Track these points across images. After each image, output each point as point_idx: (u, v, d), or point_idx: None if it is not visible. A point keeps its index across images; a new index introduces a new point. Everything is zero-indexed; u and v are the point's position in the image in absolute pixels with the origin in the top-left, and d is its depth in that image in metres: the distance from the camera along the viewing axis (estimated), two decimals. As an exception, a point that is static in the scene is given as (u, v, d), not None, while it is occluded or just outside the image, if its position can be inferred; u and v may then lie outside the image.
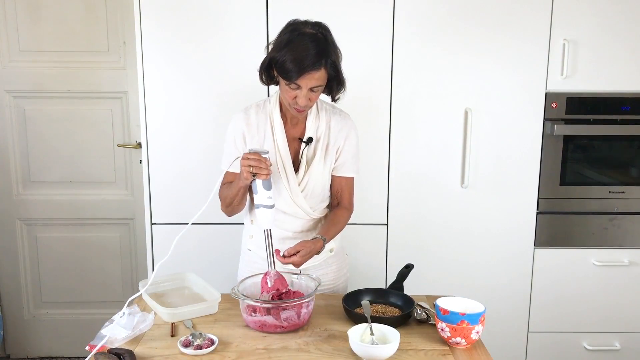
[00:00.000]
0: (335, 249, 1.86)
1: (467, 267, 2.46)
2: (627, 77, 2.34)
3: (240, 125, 1.73)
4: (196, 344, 1.43)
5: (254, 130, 1.72)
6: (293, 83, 1.54)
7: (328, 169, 1.75)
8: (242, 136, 1.73)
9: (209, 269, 2.11)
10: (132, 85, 2.76)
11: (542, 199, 2.43)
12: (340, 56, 1.63)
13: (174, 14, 2.26)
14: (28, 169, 2.89)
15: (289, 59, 1.51)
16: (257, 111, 1.73)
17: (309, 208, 1.74)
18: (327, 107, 1.76)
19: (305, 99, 1.57)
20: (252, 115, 1.73)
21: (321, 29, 1.57)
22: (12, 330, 3.05)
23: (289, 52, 1.52)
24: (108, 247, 2.97)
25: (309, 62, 1.51)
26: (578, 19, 2.29)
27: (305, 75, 1.52)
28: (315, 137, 1.72)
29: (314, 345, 1.47)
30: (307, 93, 1.56)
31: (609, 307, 2.50)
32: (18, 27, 2.74)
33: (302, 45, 1.51)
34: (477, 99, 2.34)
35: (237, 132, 1.73)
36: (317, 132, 1.72)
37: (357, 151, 1.79)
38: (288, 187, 1.70)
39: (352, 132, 1.76)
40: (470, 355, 1.43)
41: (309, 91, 1.56)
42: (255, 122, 1.72)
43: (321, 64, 1.53)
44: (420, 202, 2.41)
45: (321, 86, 1.58)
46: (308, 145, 1.71)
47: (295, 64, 1.50)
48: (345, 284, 1.93)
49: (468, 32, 2.29)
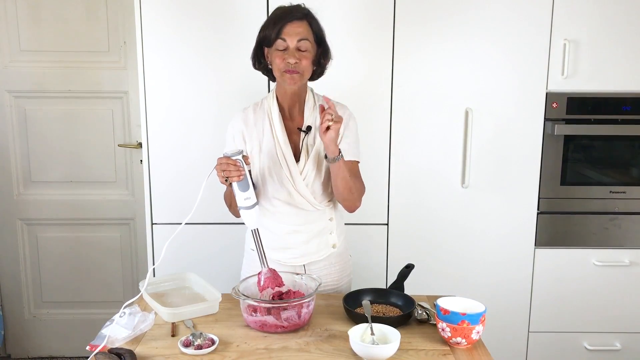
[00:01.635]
0: (339, 248, 1.86)
1: (467, 267, 2.46)
2: (627, 77, 2.34)
3: (238, 124, 1.76)
4: (197, 343, 1.43)
5: (252, 128, 1.75)
6: (279, 38, 1.61)
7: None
8: (240, 135, 1.76)
9: (209, 269, 2.11)
10: (132, 85, 2.76)
11: (543, 199, 2.42)
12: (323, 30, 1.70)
13: (175, 14, 2.26)
14: (29, 168, 2.89)
15: (273, 17, 1.65)
16: (254, 109, 1.77)
17: (312, 197, 1.74)
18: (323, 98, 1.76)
19: (294, 57, 1.61)
20: (249, 114, 1.77)
21: (304, 5, 1.69)
22: (13, 330, 3.05)
23: (273, 14, 1.67)
24: (109, 247, 2.97)
25: (291, 13, 1.63)
26: (579, 19, 2.29)
27: (289, 25, 1.61)
28: (314, 126, 1.73)
29: (315, 345, 1.47)
30: (295, 52, 1.62)
31: (610, 307, 2.50)
32: (19, 27, 2.74)
33: (286, 7, 1.67)
34: (477, 99, 2.34)
35: (236, 132, 1.76)
36: (316, 122, 1.73)
37: (357, 138, 1.79)
38: (291, 177, 1.72)
39: (350, 120, 1.77)
40: (470, 355, 1.43)
41: (297, 50, 1.62)
42: (253, 119, 1.75)
43: (304, 16, 1.63)
44: (420, 202, 2.41)
45: (307, 41, 1.63)
46: (307, 134, 1.73)
47: (279, 18, 1.63)
48: (349, 285, 1.93)
49: (468, 31, 2.29)
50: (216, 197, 1.80)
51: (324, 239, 1.81)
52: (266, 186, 1.76)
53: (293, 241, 1.78)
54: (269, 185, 1.75)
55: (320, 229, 1.79)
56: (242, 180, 1.57)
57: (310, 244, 1.79)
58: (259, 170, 1.75)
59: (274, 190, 1.74)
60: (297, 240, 1.78)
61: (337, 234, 1.84)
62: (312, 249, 1.80)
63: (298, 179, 1.72)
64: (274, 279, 1.61)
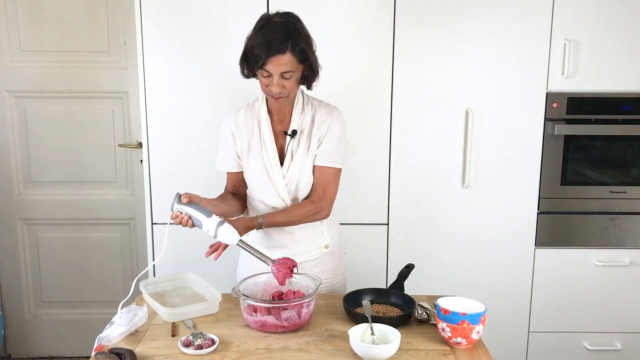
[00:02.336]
0: (331, 247, 1.85)
1: (467, 267, 2.46)
2: (628, 77, 2.33)
3: (229, 126, 1.78)
4: (197, 343, 1.43)
5: (242, 129, 1.76)
6: (263, 69, 1.58)
7: (311, 160, 1.74)
8: (232, 136, 1.77)
9: (209, 269, 2.11)
10: (132, 85, 2.76)
11: (543, 199, 2.42)
12: (314, 45, 1.65)
13: (175, 14, 2.26)
14: (29, 168, 2.89)
15: (256, 44, 1.57)
16: (246, 111, 1.78)
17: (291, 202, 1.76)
18: (314, 101, 1.77)
19: (278, 86, 1.60)
20: (240, 116, 1.78)
21: (290, 18, 1.62)
22: (13, 330, 3.05)
23: (257, 38, 1.58)
24: (109, 247, 2.97)
25: (274, 45, 1.55)
26: (579, 19, 2.29)
27: (272, 60, 1.56)
28: (299, 130, 1.73)
29: (315, 345, 1.47)
30: (279, 80, 1.59)
31: (610, 307, 2.49)
32: (19, 27, 2.74)
33: (270, 31, 1.58)
34: (478, 99, 2.34)
35: (227, 133, 1.78)
36: (302, 125, 1.73)
37: (339, 143, 1.74)
38: (274, 182, 1.73)
39: (335, 124, 1.73)
40: (471, 355, 1.43)
41: (281, 78, 1.59)
42: (243, 121, 1.77)
43: (287, 47, 1.56)
44: (421, 201, 2.41)
45: (292, 72, 1.60)
46: (293, 138, 1.73)
47: (262, 48, 1.56)
48: (344, 283, 1.93)
49: (469, 31, 2.29)
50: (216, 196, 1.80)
51: (315, 239, 1.82)
52: (253, 188, 1.78)
53: (284, 241, 1.79)
54: (256, 187, 1.77)
55: (310, 231, 1.79)
56: (191, 225, 1.60)
57: (301, 244, 1.79)
58: (247, 172, 1.77)
59: (261, 192, 1.76)
60: (288, 240, 1.79)
61: (329, 235, 1.84)
62: (304, 249, 1.80)
63: (280, 183, 1.73)
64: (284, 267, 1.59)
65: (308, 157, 1.73)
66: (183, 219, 1.59)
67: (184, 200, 1.60)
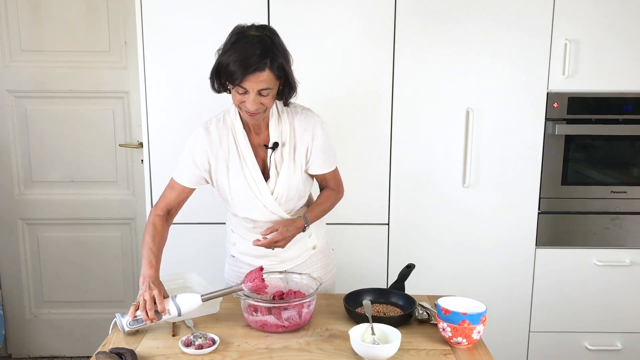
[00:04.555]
0: (320, 246, 1.85)
1: (468, 266, 2.46)
2: (628, 77, 2.33)
3: (201, 144, 1.67)
4: (197, 343, 1.43)
5: (217, 146, 1.66)
6: (240, 87, 1.50)
7: (299, 170, 1.69)
8: (204, 154, 1.67)
9: (210, 269, 2.11)
10: (133, 85, 2.76)
11: (544, 199, 2.42)
12: (291, 60, 1.57)
13: (175, 14, 2.26)
14: (29, 168, 2.89)
15: (232, 60, 1.47)
16: (217, 125, 1.68)
17: (285, 214, 1.70)
18: (287, 109, 1.68)
19: (255, 103, 1.52)
20: (213, 132, 1.67)
21: (267, 31, 1.53)
22: (14, 330, 3.05)
23: (233, 54, 1.48)
24: (109, 247, 2.97)
25: (252, 63, 1.46)
26: (580, 19, 2.29)
27: (250, 77, 1.47)
28: (280, 141, 1.66)
29: (315, 345, 1.47)
30: (256, 97, 1.51)
31: (611, 307, 2.49)
32: (19, 27, 2.74)
33: (246, 47, 1.47)
34: (478, 99, 2.34)
35: (198, 150, 1.67)
36: (282, 136, 1.66)
37: (327, 147, 1.71)
38: (261, 197, 1.67)
39: (317, 130, 1.68)
40: (471, 355, 1.43)
41: (258, 95, 1.51)
42: (217, 137, 1.67)
43: (265, 64, 1.47)
44: (421, 201, 2.41)
45: (269, 89, 1.51)
46: (274, 150, 1.65)
47: (239, 65, 1.46)
48: (333, 280, 1.92)
49: (469, 32, 2.29)
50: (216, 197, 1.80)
51: (303, 243, 1.79)
52: (238, 207, 1.70)
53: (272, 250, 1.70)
54: (241, 205, 1.69)
55: (298, 236, 1.72)
56: (157, 318, 1.50)
57: (289, 251, 1.75)
58: (229, 190, 1.68)
59: (248, 210, 1.69)
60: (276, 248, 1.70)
61: (316, 235, 1.83)
62: (292, 255, 1.78)
63: (269, 199, 1.67)
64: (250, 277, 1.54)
65: (296, 167, 1.68)
66: (147, 314, 1.49)
67: (133, 314, 1.50)
